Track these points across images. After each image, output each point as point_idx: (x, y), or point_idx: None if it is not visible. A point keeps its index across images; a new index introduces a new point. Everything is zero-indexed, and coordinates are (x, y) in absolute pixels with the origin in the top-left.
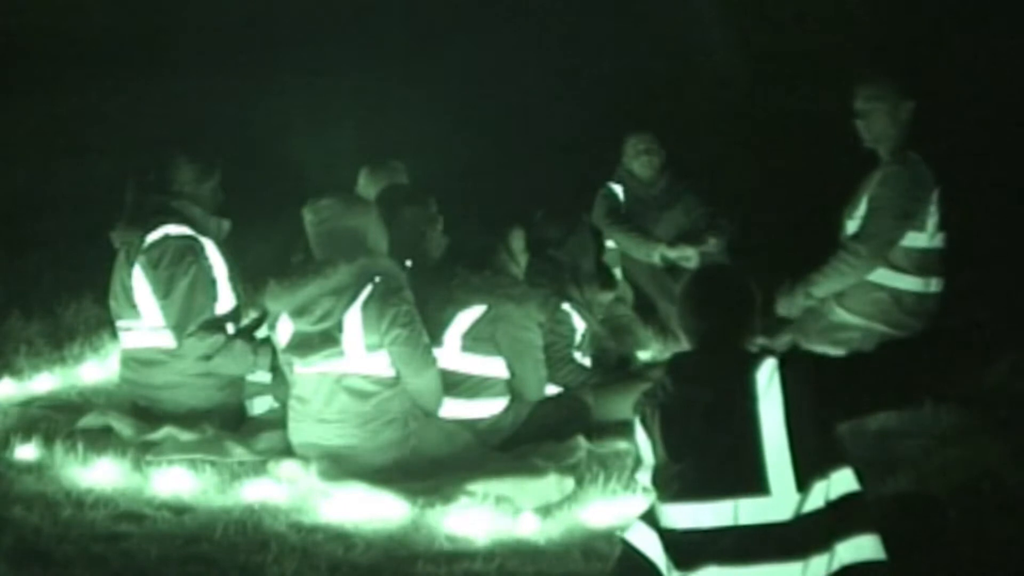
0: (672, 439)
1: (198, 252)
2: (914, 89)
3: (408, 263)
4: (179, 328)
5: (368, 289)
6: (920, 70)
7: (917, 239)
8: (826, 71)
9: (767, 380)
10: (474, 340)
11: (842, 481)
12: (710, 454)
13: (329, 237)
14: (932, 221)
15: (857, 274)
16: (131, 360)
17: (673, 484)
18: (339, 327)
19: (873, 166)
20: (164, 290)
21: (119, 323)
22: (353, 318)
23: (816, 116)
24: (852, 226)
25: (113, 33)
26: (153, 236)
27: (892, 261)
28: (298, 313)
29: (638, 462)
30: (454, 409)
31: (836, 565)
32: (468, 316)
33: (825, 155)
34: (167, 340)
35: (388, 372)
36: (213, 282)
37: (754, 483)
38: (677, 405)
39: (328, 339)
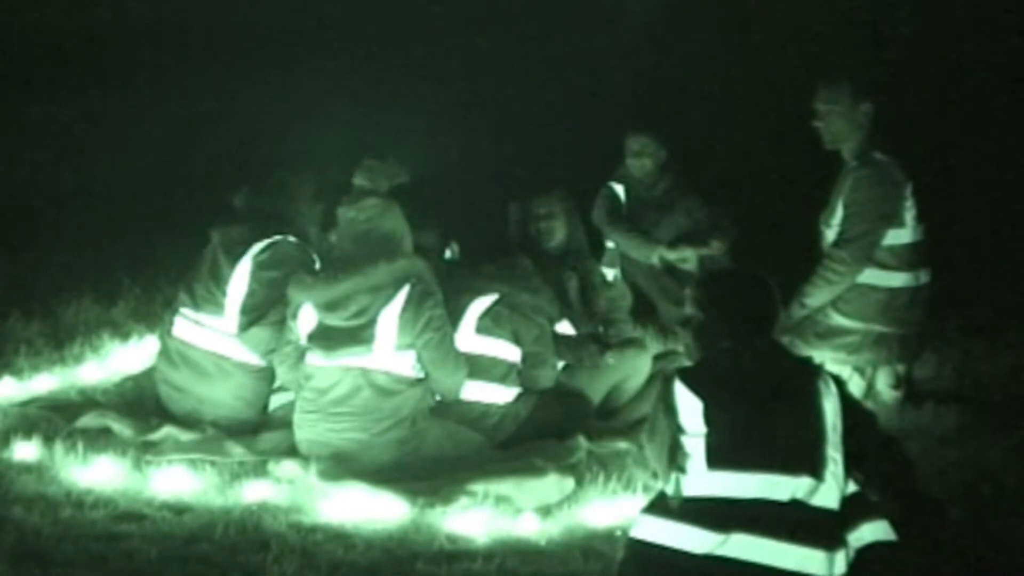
0: (741, 412)
1: (307, 263)
2: (874, 91)
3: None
4: (250, 315)
5: (406, 290)
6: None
7: (899, 235)
8: (826, 71)
9: (827, 386)
10: (491, 321)
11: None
12: (778, 431)
13: (367, 236)
14: (910, 215)
15: (845, 280)
16: (180, 356)
17: (727, 452)
18: (372, 324)
19: (840, 169)
20: (259, 287)
21: (190, 313)
22: (389, 317)
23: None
24: (831, 234)
25: (114, 33)
26: (268, 240)
27: (879, 260)
28: (330, 307)
29: (680, 429)
30: (465, 391)
31: (852, 553)
32: (484, 302)
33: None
34: (229, 347)
35: (411, 373)
36: None
37: (812, 467)
38: (747, 383)
39: (358, 335)
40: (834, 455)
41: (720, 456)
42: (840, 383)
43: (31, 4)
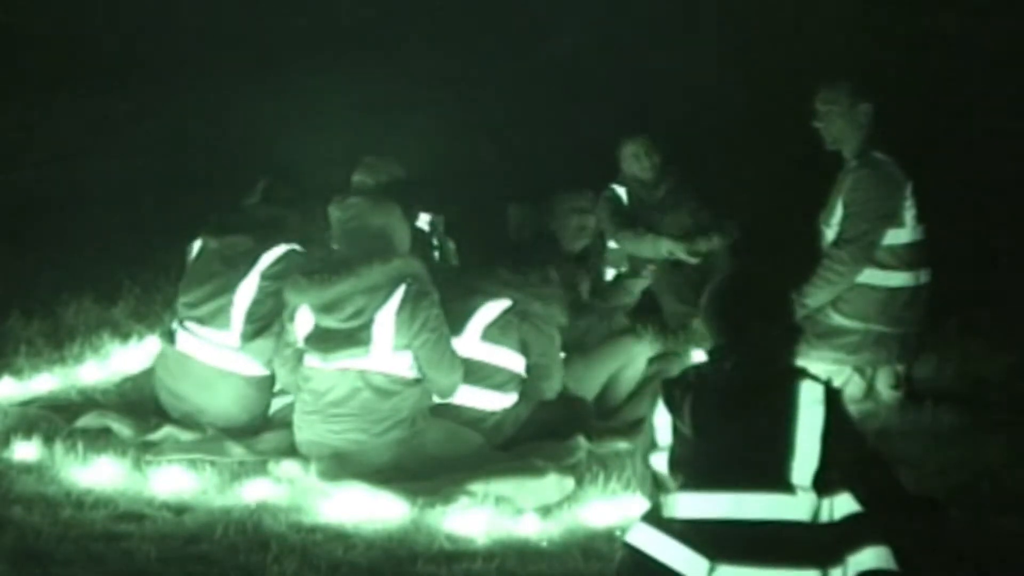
0: (703, 426)
1: None
2: (874, 91)
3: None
4: (256, 325)
5: (401, 290)
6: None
7: (899, 235)
8: (826, 71)
9: (811, 395)
10: (498, 330)
11: (845, 503)
12: (739, 446)
13: (356, 234)
14: (910, 215)
15: (845, 280)
16: (180, 368)
17: (693, 471)
18: (368, 325)
19: (839, 169)
20: (266, 297)
21: (194, 327)
22: (385, 318)
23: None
24: (830, 233)
25: (114, 34)
26: (276, 252)
27: (879, 260)
28: (326, 309)
29: (652, 444)
30: (462, 395)
31: (851, 574)
32: (494, 308)
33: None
34: (231, 360)
35: (409, 373)
36: None
37: (782, 482)
38: (714, 393)
39: (355, 336)
40: (810, 467)
41: (686, 476)
42: (833, 393)
43: (31, 4)
